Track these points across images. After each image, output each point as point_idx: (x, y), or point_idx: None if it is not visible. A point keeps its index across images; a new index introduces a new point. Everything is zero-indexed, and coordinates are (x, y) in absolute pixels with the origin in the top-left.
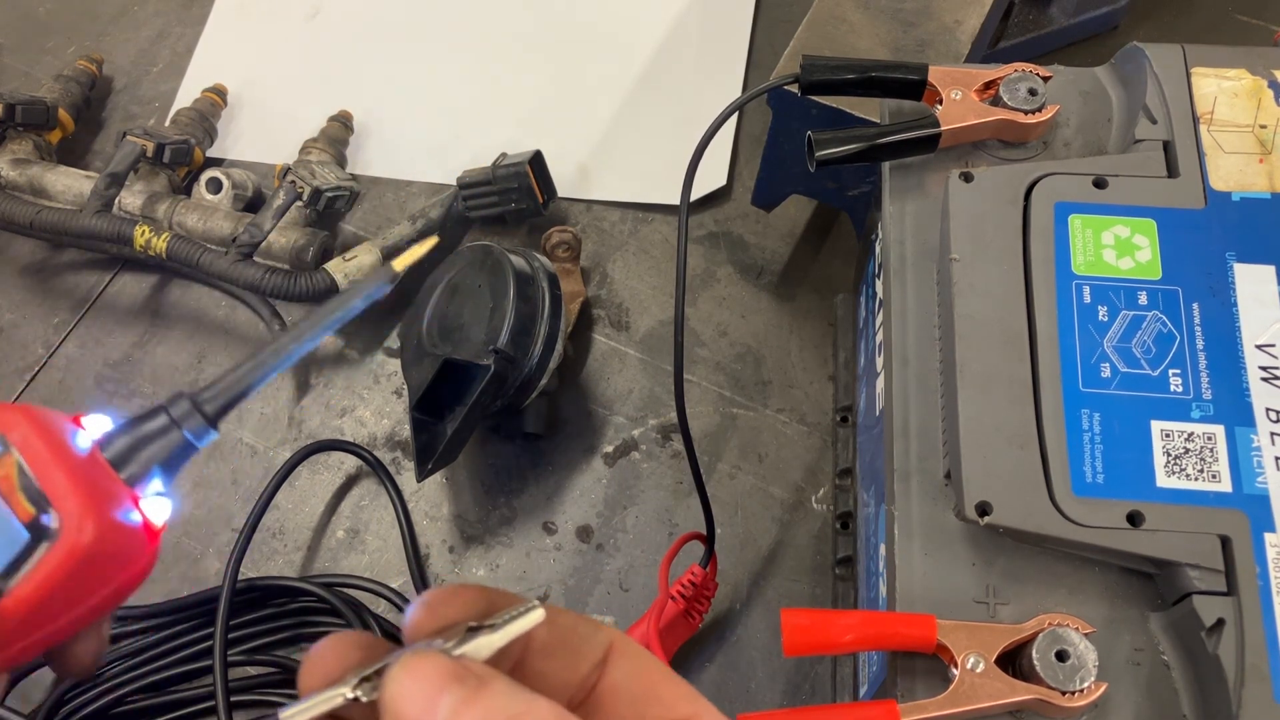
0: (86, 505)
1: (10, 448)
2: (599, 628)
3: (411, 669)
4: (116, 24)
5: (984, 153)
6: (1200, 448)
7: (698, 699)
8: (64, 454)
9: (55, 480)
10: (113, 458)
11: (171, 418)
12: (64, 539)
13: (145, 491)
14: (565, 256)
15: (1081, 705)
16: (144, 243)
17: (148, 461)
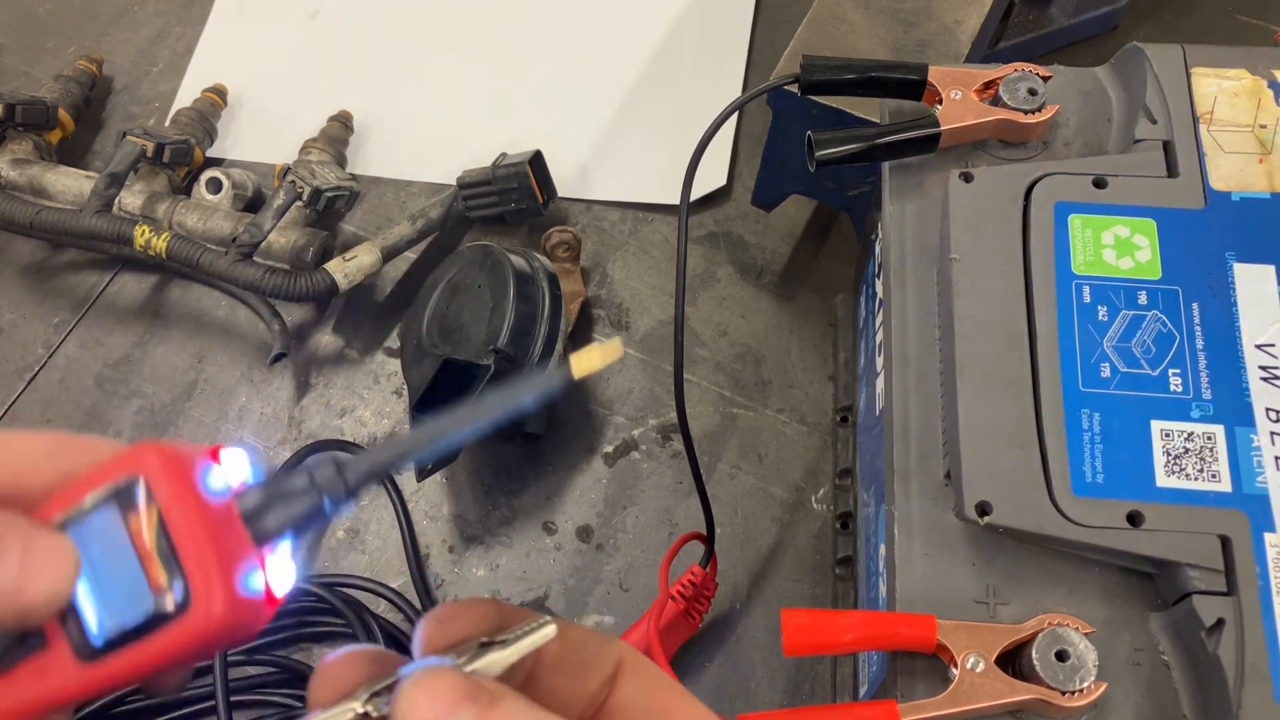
0: (220, 583)
1: (155, 500)
2: (609, 643)
3: (424, 685)
4: (116, 24)
5: (984, 153)
6: (1200, 447)
7: (709, 716)
8: (202, 512)
9: (193, 548)
10: (246, 512)
11: (314, 481)
12: (190, 618)
13: (271, 554)
14: (565, 256)
15: (1081, 705)
16: (144, 243)
17: (281, 523)
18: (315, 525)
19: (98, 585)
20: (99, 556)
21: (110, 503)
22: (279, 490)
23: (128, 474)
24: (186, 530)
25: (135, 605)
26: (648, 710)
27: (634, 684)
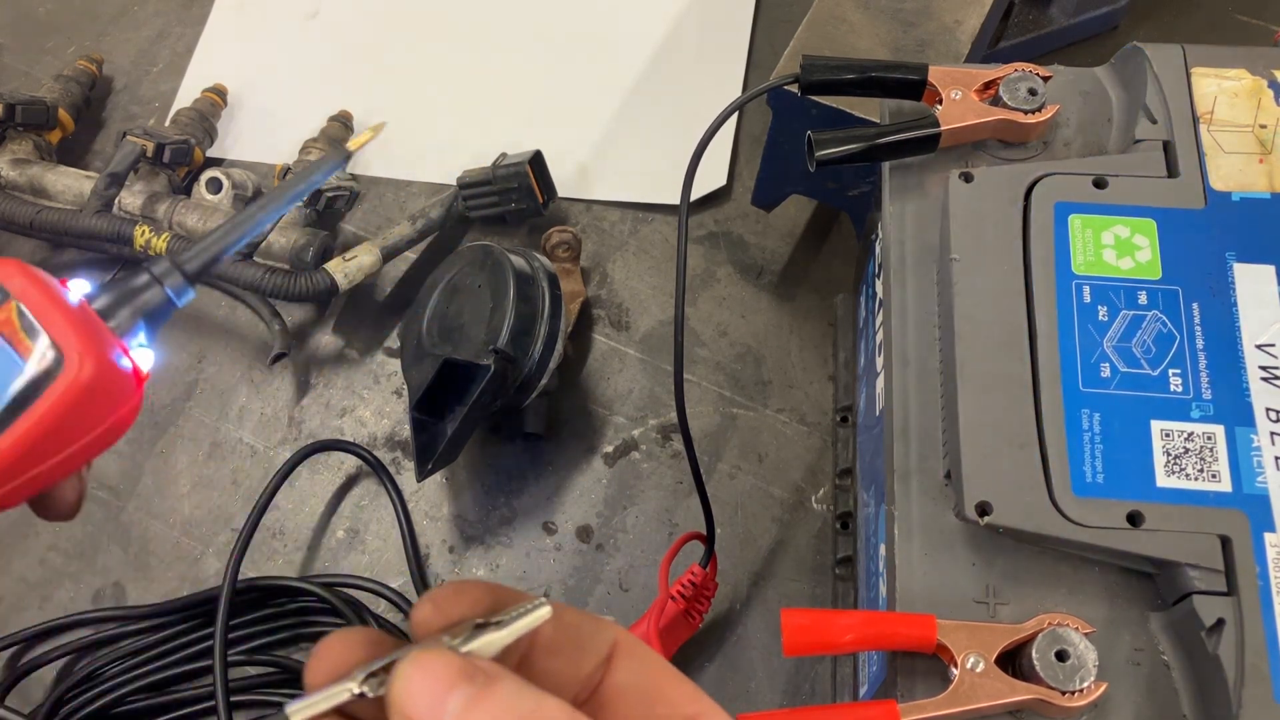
0: (85, 343)
1: (9, 294)
2: (604, 625)
3: (420, 665)
4: (116, 24)
5: (984, 153)
6: (1200, 447)
7: (703, 698)
8: (59, 300)
9: (55, 321)
10: (100, 310)
11: (153, 275)
12: (65, 373)
13: (131, 343)
14: (565, 256)
15: (1081, 705)
16: (144, 243)
17: (133, 315)
18: (164, 313)
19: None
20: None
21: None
22: (125, 289)
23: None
24: (46, 308)
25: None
26: (642, 691)
27: (629, 666)
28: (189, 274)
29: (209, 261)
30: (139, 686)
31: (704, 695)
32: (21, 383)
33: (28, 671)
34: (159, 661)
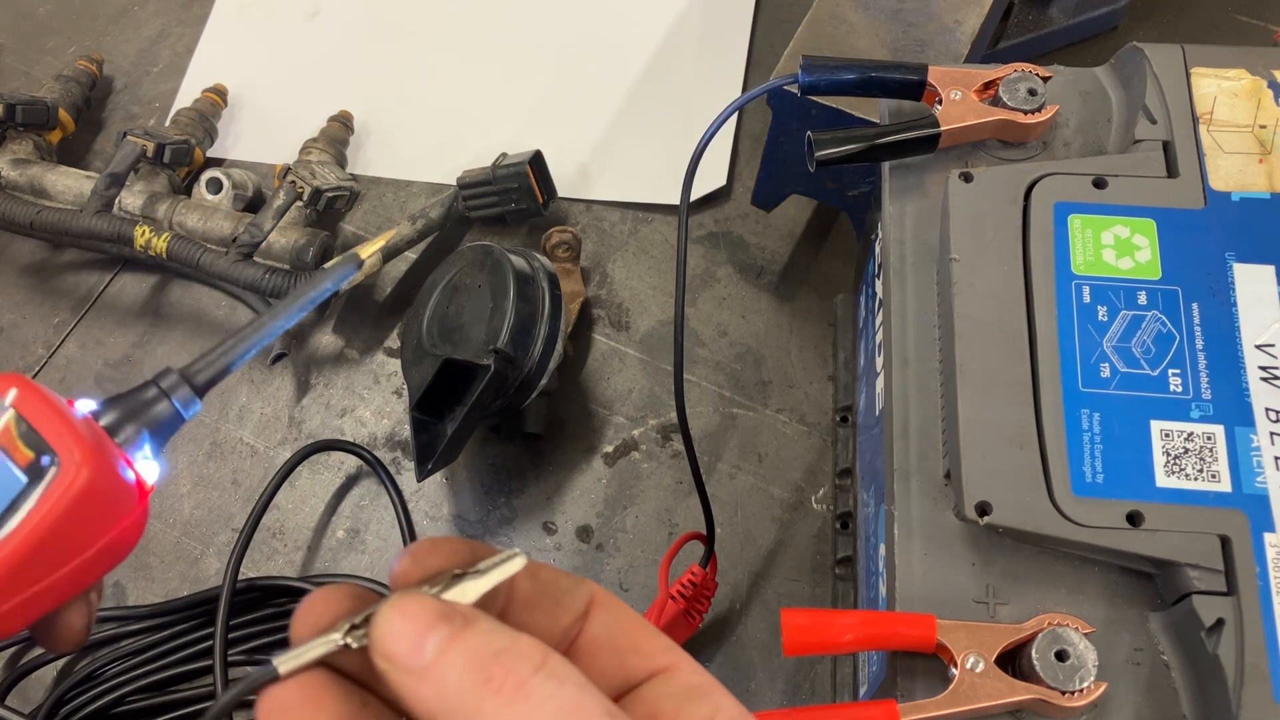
0: (84, 447)
1: (7, 405)
2: (580, 582)
3: (400, 608)
4: (117, 24)
5: (984, 153)
6: (1200, 447)
7: (675, 650)
8: (60, 410)
9: (53, 426)
10: (106, 426)
11: (161, 389)
12: (62, 476)
13: (135, 455)
14: (565, 256)
15: (1081, 705)
16: (144, 243)
17: (139, 428)
18: (171, 427)
19: None
20: None
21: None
22: (132, 404)
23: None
24: (46, 417)
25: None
26: (616, 643)
27: (604, 621)
28: (197, 387)
29: (218, 374)
30: (139, 686)
31: (677, 647)
32: (16, 491)
33: (28, 671)
34: (159, 661)
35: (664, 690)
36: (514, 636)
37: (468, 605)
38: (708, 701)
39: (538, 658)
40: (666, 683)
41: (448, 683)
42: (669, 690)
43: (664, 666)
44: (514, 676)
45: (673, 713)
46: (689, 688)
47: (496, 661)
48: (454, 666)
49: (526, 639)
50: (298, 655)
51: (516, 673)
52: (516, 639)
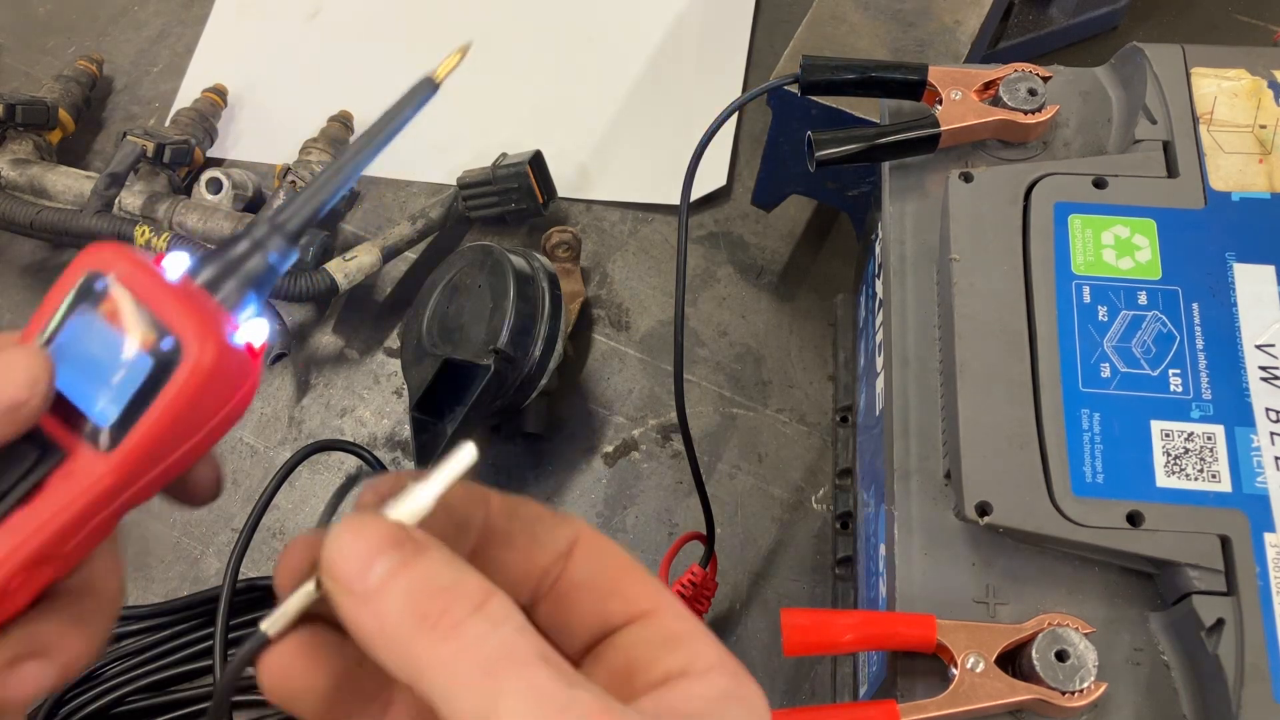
0: (202, 326)
1: (114, 283)
2: (564, 521)
3: (350, 528)
4: (117, 24)
5: (984, 153)
6: (1200, 448)
7: (660, 593)
8: (166, 284)
9: (167, 306)
10: (205, 285)
11: (255, 241)
12: (187, 360)
13: (240, 317)
14: (565, 256)
15: (1081, 705)
16: (144, 243)
17: (240, 286)
18: (269, 280)
19: (92, 376)
20: (85, 351)
21: (79, 303)
22: (227, 260)
23: (86, 273)
24: (157, 295)
25: (132, 376)
26: (597, 589)
27: (587, 561)
28: (290, 235)
29: (309, 218)
30: (139, 686)
31: (663, 590)
32: (142, 377)
33: None
34: (159, 662)
35: (641, 636)
36: (460, 574)
37: (423, 534)
38: (684, 650)
39: (478, 597)
40: (645, 629)
41: (387, 614)
42: (646, 637)
43: (645, 611)
44: (450, 616)
45: (647, 660)
46: (667, 635)
47: (437, 598)
48: (395, 598)
49: (473, 578)
50: (281, 615)
51: (453, 612)
52: (462, 577)
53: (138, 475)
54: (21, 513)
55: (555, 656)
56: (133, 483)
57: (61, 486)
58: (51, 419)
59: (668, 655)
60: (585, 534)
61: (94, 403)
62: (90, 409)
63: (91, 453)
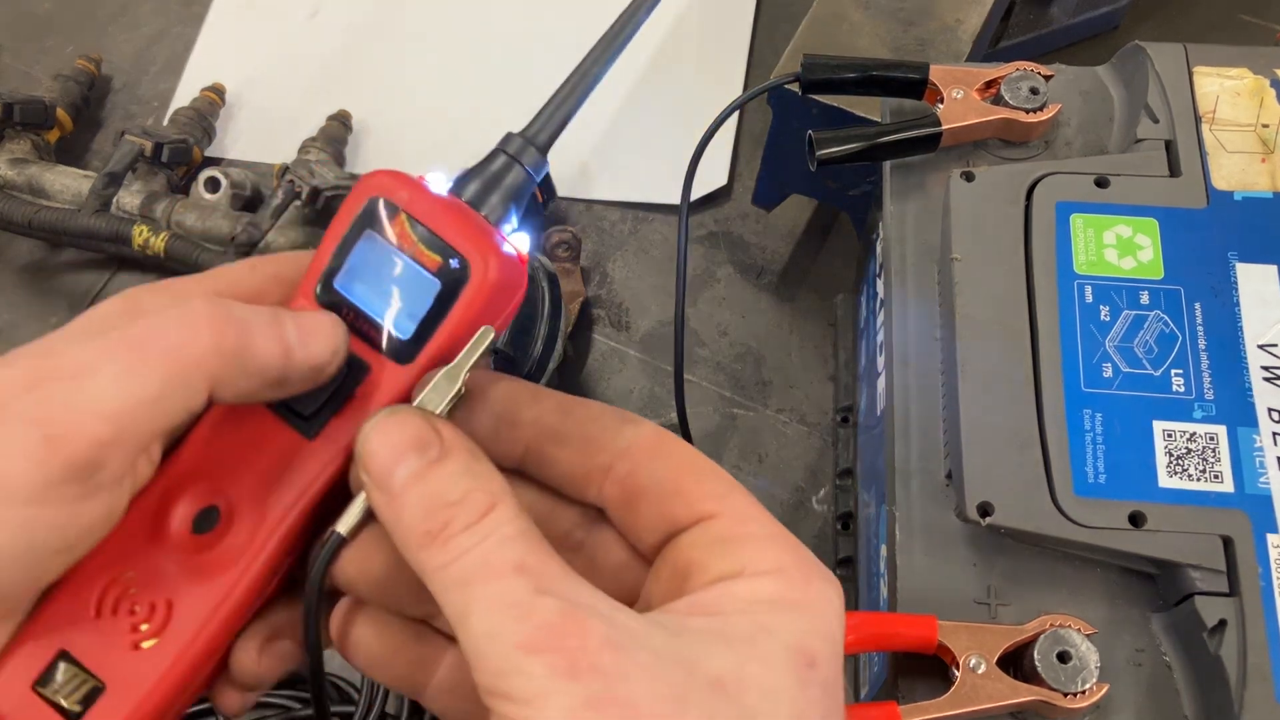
0: (483, 244)
1: (399, 208)
2: (628, 421)
3: (380, 429)
4: (115, 23)
5: (985, 152)
6: (1202, 448)
7: (727, 495)
8: (444, 205)
9: (449, 227)
10: (471, 201)
11: (509, 155)
12: (474, 279)
13: (505, 229)
14: (565, 256)
15: (1083, 706)
16: (142, 242)
17: (502, 200)
18: (526, 191)
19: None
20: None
21: (363, 229)
22: (487, 176)
23: (366, 199)
24: (438, 216)
25: (424, 292)
26: (662, 488)
27: (653, 462)
28: (542, 146)
29: (558, 128)
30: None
31: (732, 495)
32: (435, 295)
33: None
34: None
35: (701, 538)
36: (473, 481)
37: (451, 431)
38: (741, 552)
39: (481, 508)
40: (705, 531)
41: (402, 521)
42: (705, 539)
43: (709, 513)
44: (449, 529)
45: (703, 563)
46: (726, 537)
47: (442, 512)
48: (410, 506)
49: (484, 487)
50: (351, 513)
51: (452, 526)
52: (474, 486)
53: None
54: (336, 421)
55: (539, 563)
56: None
57: (369, 396)
58: (353, 337)
59: (723, 557)
60: (650, 435)
61: (390, 319)
62: (388, 324)
63: (392, 365)
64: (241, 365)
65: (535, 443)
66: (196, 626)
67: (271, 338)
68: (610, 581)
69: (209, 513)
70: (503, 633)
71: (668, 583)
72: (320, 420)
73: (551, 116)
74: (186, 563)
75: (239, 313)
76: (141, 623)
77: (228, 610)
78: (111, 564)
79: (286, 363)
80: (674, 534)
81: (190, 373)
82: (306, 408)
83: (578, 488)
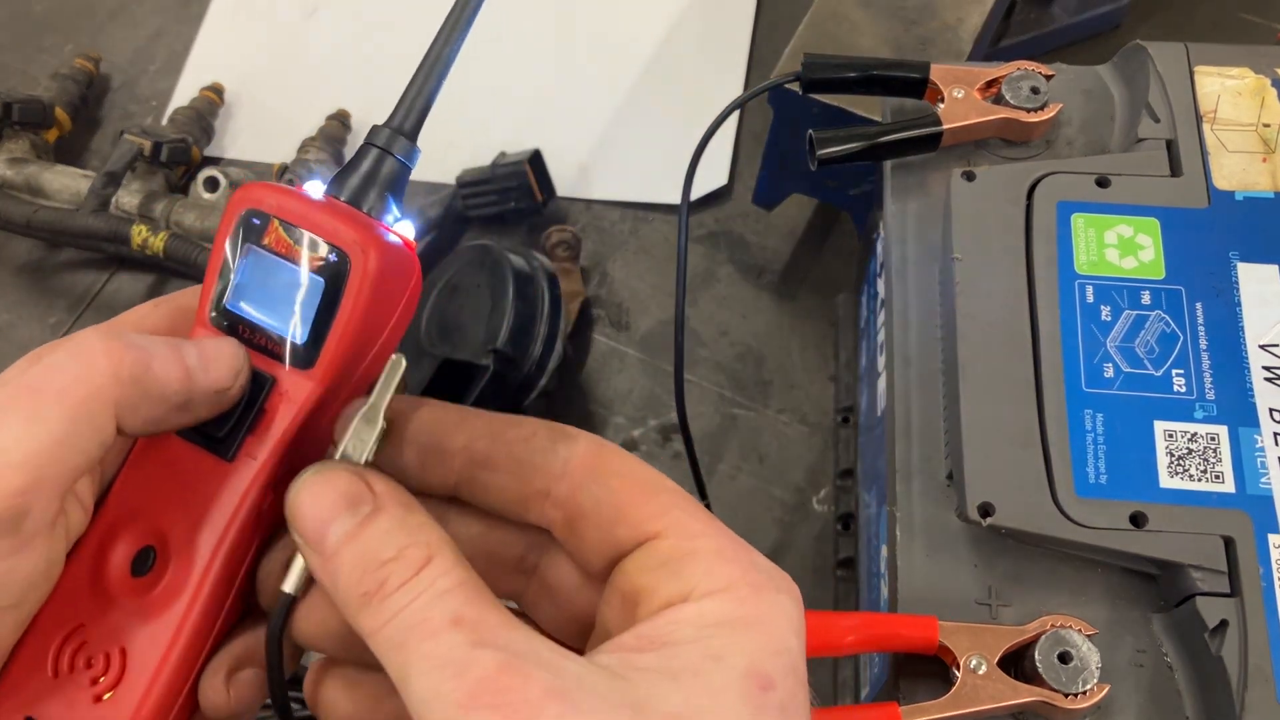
0: (364, 236)
1: (269, 214)
2: (563, 439)
3: (309, 486)
4: (114, 22)
5: (986, 151)
6: (1203, 448)
7: (669, 511)
8: (316, 205)
9: (322, 225)
10: (349, 200)
11: (380, 148)
12: (356, 269)
13: (388, 220)
14: (565, 256)
15: (1084, 707)
16: (141, 242)
17: (380, 192)
18: (403, 180)
19: (275, 305)
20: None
21: (245, 242)
22: (362, 174)
23: (238, 215)
24: (311, 217)
25: (311, 293)
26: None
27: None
28: (409, 133)
29: (422, 113)
30: None
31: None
32: (321, 293)
33: None
34: None
35: (644, 562)
36: (405, 539)
37: (383, 483)
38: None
39: (417, 563)
40: (650, 553)
41: (339, 583)
42: (649, 562)
43: (652, 533)
44: (385, 588)
45: (650, 588)
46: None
47: (378, 572)
48: (345, 568)
49: (419, 539)
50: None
51: (389, 584)
52: (406, 544)
53: (340, 383)
54: (251, 439)
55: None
56: (338, 392)
57: (278, 408)
58: (254, 352)
59: (669, 580)
60: (586, 454)
61: (285, 327)
62: (284, 333)
63: (295, 373)
64: (143, 390)
65: (466, 470)
66: (152, 671)
67: (171, 361)
68: (568, 605)
69: (145, 553)
70: (442, 692)
71: (619, 610)
72: (235, 440)
73: (414, 102)
74: (132, 607)
75: (135, 340)
76: (99, 675)
77: (181, 649)
78: (62, 620)
79: (189, 385)
80: (620, 557)
81: (92, 404)
82: (219, 430)
83: (518, 513)
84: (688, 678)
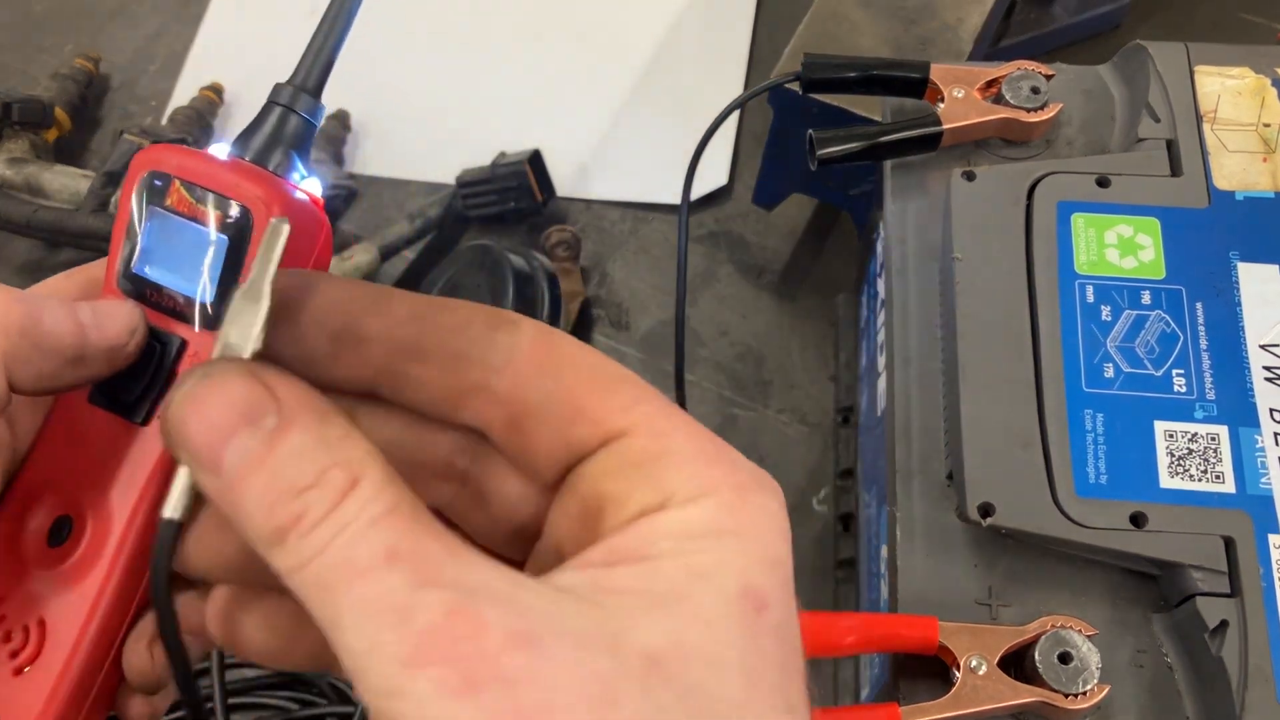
0: (267, 192)
1: (171, 175)
2: (503, 324)
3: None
4: (114, 22)
5: (986, 151)
6: (1204, 448)
7: (636, 405)
8: (219, 165)
9: (225, 183)
10: (254, 160)
11: (284, 106)
12: (259, 224)
13: (293, 177)
14: (565, 256)
15: (1084, 707)
16: None
17: (285, 151)
18: (308, 138)
19: (181, 267)
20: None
21: (149, 204)
22: (267, 133)
23: (139, 177)
24: (213, 175)
25: (216, 252)
26: (558, 405)
27: (543, 374)
28: (313, 90)
29: (325, 69)
30: None
31: (643, 402)
32: (226, 250)
33: None
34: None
35: (610, 465)
36: (326, 459)
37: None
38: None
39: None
40: (616, 453)
41: (245, 516)
42: (616, 464)
43: (617, 431)
44: (305, 521)
45: (620, 494)
46: (640, 461)
47: (292, 504)
48: (252, 499)
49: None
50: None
51: (309, 516)
52: (327, 465)
53: None
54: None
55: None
56: None
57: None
58: (162, 316)
59: (642, 485)
60: (532, 342)
61: (192, 288)
62: (191, 294)
63: (206, 334)
64: (33, 343)
65: (387, 361)
66: (71, 642)
67: (62, 316)
68: (506, 516)
69: (61, 522)
70: (381, 644)
71: (577, 521)
72: (146, 403)
73: (316, 58)
74: (49, 578)
75: (26, 295)
76: (18, 649)
77: (101, 617)
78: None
79: (81, 340)
80: (577, 461)
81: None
82: (130, 394)
83: (448, 412)
84: (672, 603)
